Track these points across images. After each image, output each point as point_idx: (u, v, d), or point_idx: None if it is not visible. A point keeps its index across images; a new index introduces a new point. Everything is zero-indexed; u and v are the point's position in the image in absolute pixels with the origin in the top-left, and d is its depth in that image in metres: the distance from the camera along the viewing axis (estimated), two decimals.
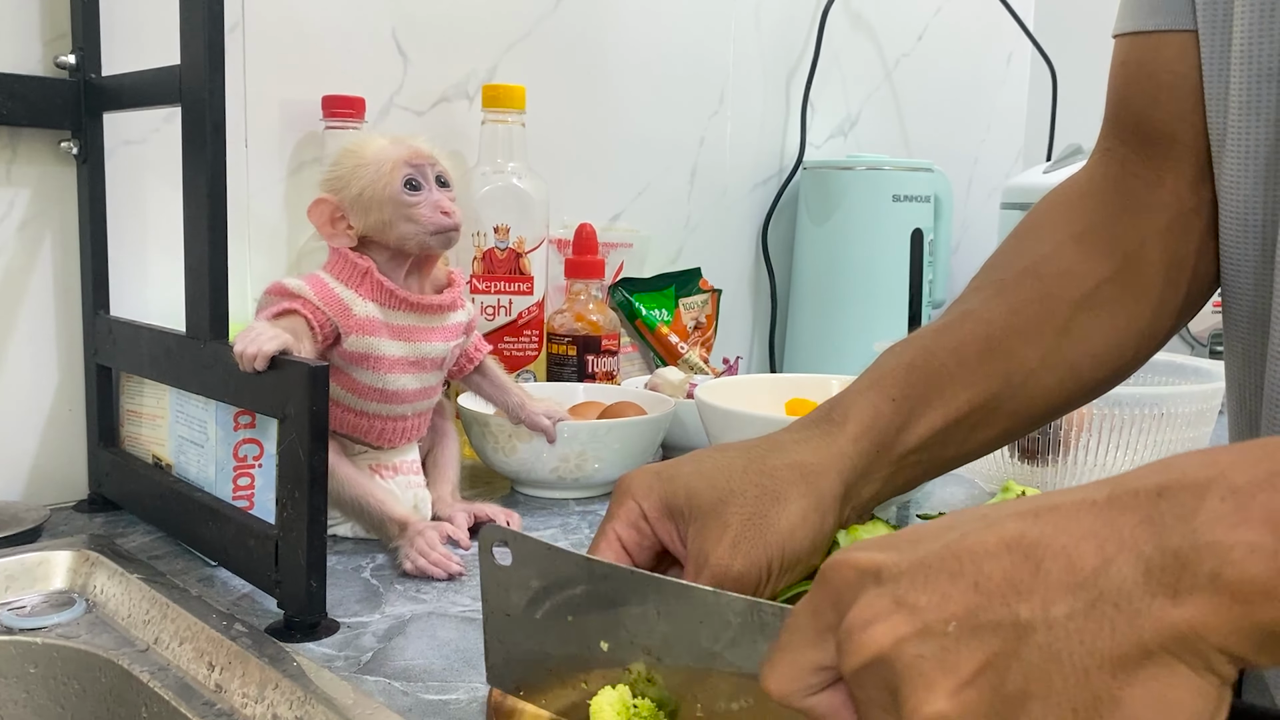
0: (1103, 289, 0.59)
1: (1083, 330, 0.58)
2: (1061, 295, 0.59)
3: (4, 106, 0.82)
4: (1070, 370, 0.58)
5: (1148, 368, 1.08)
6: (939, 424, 0.54)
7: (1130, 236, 0.60)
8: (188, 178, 0.71)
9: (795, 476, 0.50)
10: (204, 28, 0.69)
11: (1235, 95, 0.54)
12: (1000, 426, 0.57)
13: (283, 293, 0.76)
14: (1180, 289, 0.61)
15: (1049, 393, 0.58)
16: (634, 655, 0.41)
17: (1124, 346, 0.60)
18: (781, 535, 0.48)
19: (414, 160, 0.77)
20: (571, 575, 0.42)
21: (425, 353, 0.80)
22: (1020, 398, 0.57)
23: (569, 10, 1.21)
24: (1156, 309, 0.60)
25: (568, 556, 0.42)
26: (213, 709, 0.60)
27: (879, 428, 0.53)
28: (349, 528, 0.81)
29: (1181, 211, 0.60)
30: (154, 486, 0.81)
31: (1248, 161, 0.54)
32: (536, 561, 0.43)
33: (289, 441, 0.64)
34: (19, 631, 0.69)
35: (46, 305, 0.88)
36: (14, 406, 0.87)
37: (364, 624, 0.67)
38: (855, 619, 0.33)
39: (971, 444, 0.57)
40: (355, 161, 0.78)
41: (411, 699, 0.57)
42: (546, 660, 0.44)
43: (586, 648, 0.42)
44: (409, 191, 0.77)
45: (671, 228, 1.36)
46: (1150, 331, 0.60)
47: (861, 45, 1.57)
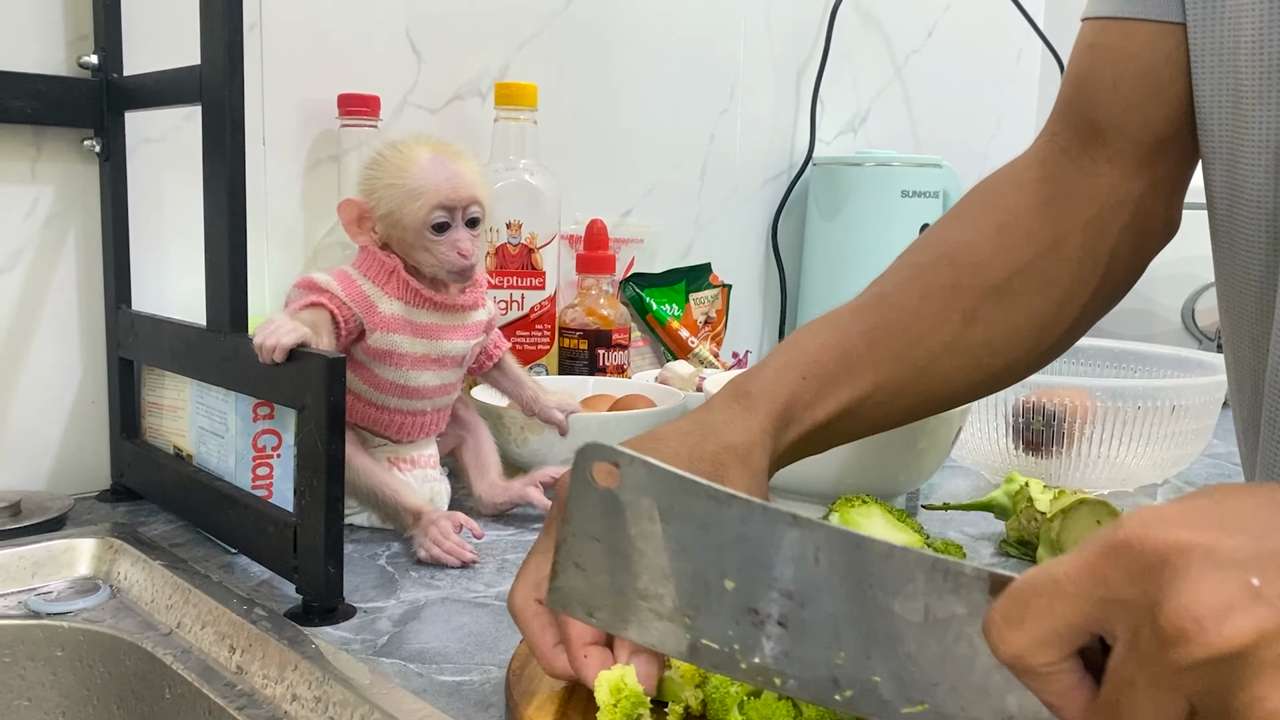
0: (1013, 280, 0.62)
1: (986, 320, 0.62)
2: (972, 284, 0.62)
3: (29, 106, 0.84)
4: (971, 357, 0.62)
5: (1152, 361, 1.09)
6: (845, 402, 0.60)
7: (1050, 229, 0.63)
8: (208, 175, 0.73)
9: (732, 458, 0.54)
10: (223, 28, 0.71)
11: (1249, 86, 0.54)
12: (904, 406, 0.62)
13: (311, 286, 0.78)
14: (1089, 286, 0.63)
15: (951, 378, 0.62)
16: (767, 597, 0.40)
17: (1024, 338, 0.63)
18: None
19: (449, 204, 0.77)
20: (702, 508, 0.40)
21: (447, 350, 0.82)
22: (924, 381, 0.61)
23: (580, 8, 1.22)
24: (1061, 304, 0.63)
25: (701, 487, 0.40)
26: (234, 690, 0.62)
27: (792, 405, 0.58)
28: (365, 517, 0.83)
29: (1108, 204, 0.63)
30: (175, 476, 0.83)
31: (1262, 151, 0.54)
32: (654, 488, 0.41)
33: (307, 431, 0.66)
34: (46, 616, 0.71)
35: (70, 300, 0.90)
36: (39, 399, 0.89)
37: (380, 609, 0.69)
38: (1201, 605, 0.31)
39: (877, 420, 0.62)
40: (392, 179, 0.77)
41: (426, 680, 0.59)
42: (640, 591, 0.42)
43: (703, 584, 0.40)
44: (434, 232, 0.77)
45: (682, 223, 1.37)
46: (1052, 325, 0.63)
47: (871, 42, 1.58)
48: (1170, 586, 0.31)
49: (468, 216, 0.79)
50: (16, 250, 0.87)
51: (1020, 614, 0.34)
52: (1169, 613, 0.31)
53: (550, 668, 0.51)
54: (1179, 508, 0.33)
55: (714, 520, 0.40)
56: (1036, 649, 0.34)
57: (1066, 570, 0.34)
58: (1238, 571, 0.31)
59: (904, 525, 0.57)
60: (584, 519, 0.42)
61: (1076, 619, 0.34)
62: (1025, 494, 0.82)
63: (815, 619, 0.39)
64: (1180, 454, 0.96)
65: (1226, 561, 0.31)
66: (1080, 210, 0.63)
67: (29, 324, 0.88)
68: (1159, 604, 0.31)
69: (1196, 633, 0.31)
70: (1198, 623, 0.31)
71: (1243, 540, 0.31)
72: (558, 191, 1.12)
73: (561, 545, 0.43)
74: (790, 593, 0.39)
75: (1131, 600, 0.32)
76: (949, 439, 0.90)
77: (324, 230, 1.03)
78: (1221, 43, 0.56)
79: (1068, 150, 0.64)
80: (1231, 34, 0.55)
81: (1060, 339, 0.65)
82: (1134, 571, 0.32)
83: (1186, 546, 0.32)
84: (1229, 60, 0.55)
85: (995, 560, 0.81)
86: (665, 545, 0.41)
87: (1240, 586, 0.31)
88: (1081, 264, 0.63)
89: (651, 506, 0.41)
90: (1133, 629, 0.33)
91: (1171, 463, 0.97)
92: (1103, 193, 0.63)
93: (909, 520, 0.58)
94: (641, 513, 0.41)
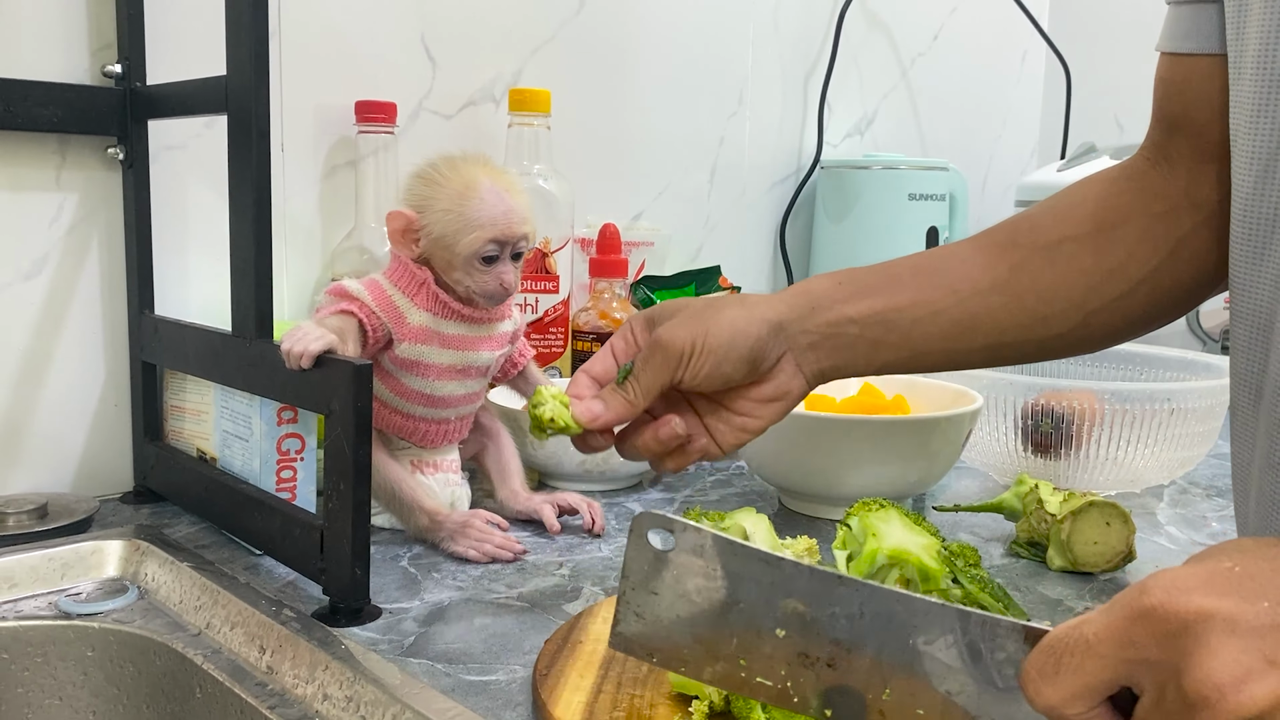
0: (1065, 244, 0.66)
1: (1033, 270, 0.65)
2: (1025, 242, 0.67)
3: (54, 114, 0.86)
4: (1015, 298, 0.65)
5: (1158, 363, 1.10)
6: (879, 308, 0.64)
7: (1115, 213, 0.66)
8: (234, 183, 0.75)
9: (735, 301, 0.64)
10: (249, 39, 0.72)
11: (1248, 98, 0.57)
12: (943, 328, 0.65)
13: (342, 294, 0.79)
14: (1146, 264, 0.66)
15: (995, 313, 0.65)
16: (817, 644, 0.44)
17: (1070, 291, 0.65)
18: (709, 324, 0.61)
19: (502, 238, 0.78)
20: (754, 569, 0.45)
21: (473, 361, 0.83)
22: (964, 309, 0.65)
23: (591, 15, 1.24)
24: (1112, 271, 0.65)
25: (752, 551, 0.45)
26: (265, 689, 0.63)
27: (820, 296, 0.65)
28: (386, 518, 0.84)
29: (1182, 204, 0.65)
30: (199, 479, 0.84)
31: (1253, 161, 0.57)
32: (707, 551, 0.45)
33: (335, 436, 0.68)
34: (77, 617, 0.72)
35: (93, 305, 0.91)
36: (63, 402, 0.91)
37: (404, 610, 0.70)
38: (1223, 673, 0.34)
39: (914, 337, 0.64)
40: (448, 205, 0.78)
41: (454, 680, 0.60)
42: (696, 636, 0.46)
43: (756, 632, 0.45)
44: (482, 263, 0.78)
45: (692, 226, 1.39)
46: (1100, 288, 0.65)
47: (878, 45, 1.60)
48: (1194, 653, 0.35)
49: (515, 250, 0.80)
50: (42, 256, 0.88)
51: (1054, 669, 0.38)
52: (1192, 679, 0.35)
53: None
54: (1200, 572, 0.37)
55: (765, 579, 0.44)
56: (1070, 702, 0.38)
57: (1097, 631, 0.38)
58: (1256, 641, 0.34)
59: (921, 528, 0.58)
60: (641, 576, 0.47)
61: (1106, 676, 0.37)
62: (1035, 496, 0.83)
63: (862, 661, 0.43)
64: (1187, 456, 0.98)
65: (1245, 631, 0.35)
66: (1151, 203, 0.66)
67: (53, 329, 0.90)
68: (1183, 669, 0.35)
69: (1218, 700, 0.34)
70: (1219, 690, 0.34)
71: (1260, 609, 0.35)
72: (571, 196, 1.13)
73: (622, 598, 0.47)
74: (838, 641, 0.44)
75: (1157, 661, 0.36)
76: (960, 440, 0.92)
77: (341, 235, 1.04)
78: (1238, 60, 0.58)
79: (1151, 157, 0.68)
80: (1243, 53, 0.57)
81: (1110, 305, 0.66)
82: (1159, 636, 0.36)
83: (1209, 614, 0.35)
84: (1240, 77, 0.58)
85: (1005, 561, 0.83)
86: (719, 599, 0.45)
87: (1258, 656, 0.34)
88: (1141, 244, 0.66)
89: (705, 566, 0.45)
90: (1158, 687, 0.37)
91: (1178, 464, 0.99)
92: (1177, 192, 0.66)
93: (925, 523, 0.59)
94: (696, 571, 0.46)
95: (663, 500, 0.96)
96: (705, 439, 0.65)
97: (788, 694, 0.45)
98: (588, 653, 0.61)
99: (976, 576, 0.58)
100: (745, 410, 0.65)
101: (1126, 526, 0.79)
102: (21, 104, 0.84)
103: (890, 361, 0.66)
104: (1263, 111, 0.56)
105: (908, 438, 0.88)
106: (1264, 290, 0.57)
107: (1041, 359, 0.71)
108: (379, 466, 0.80)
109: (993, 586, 0.58)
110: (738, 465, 1.09)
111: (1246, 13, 0.57)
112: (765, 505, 0.96)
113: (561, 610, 0.71)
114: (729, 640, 0.45)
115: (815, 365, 0.65)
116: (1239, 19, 0.58)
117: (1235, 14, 0.58)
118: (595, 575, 0.77)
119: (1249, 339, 0.59)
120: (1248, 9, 0.57)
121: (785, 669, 0.45)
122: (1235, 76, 0.58)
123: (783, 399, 0.65)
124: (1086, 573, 0.80)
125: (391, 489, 0.81)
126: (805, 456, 0.89)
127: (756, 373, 0.63)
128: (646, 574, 0.46)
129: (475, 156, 0.81)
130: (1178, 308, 0.69)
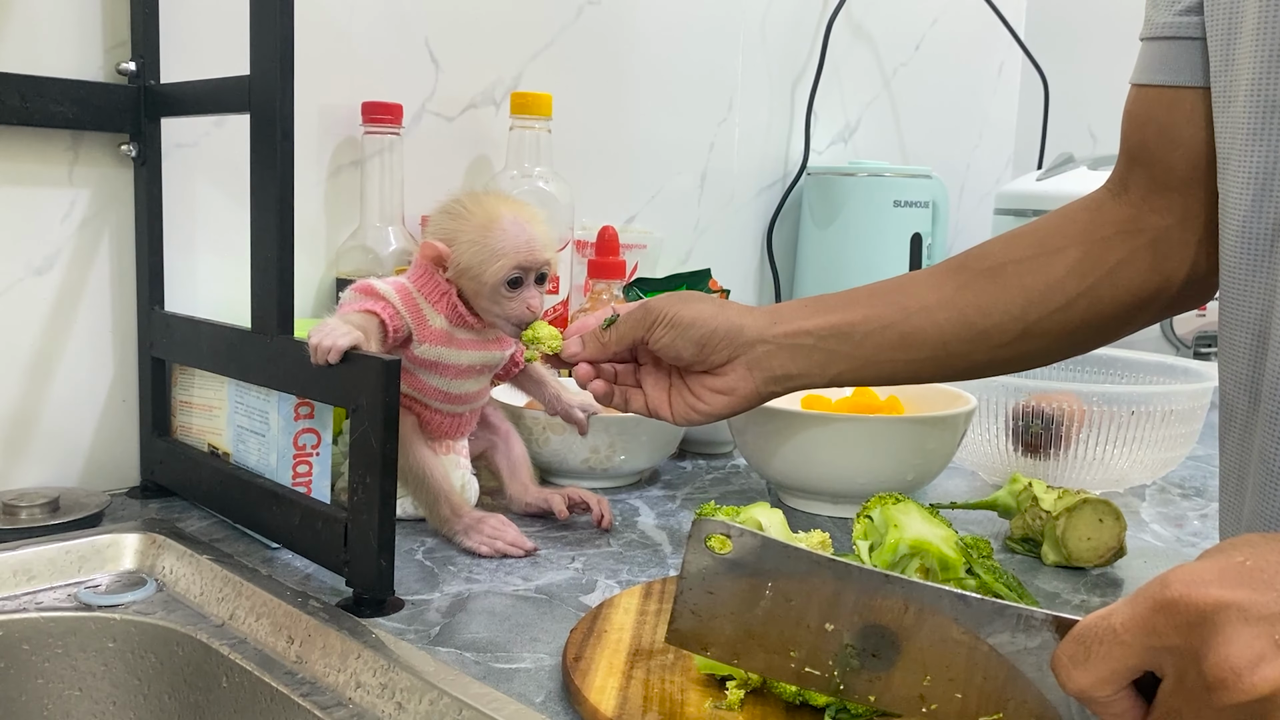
0: (1008, 266, 0.74)
1: (976, 288, 0.73)
2: (973, 265, 0.75)
3: (68, 111, 0.86)
4: (958, 312, 0.73)
5: (1139, 367, 1.14)
6: (835, 322, 0.74)
7: (1061, 238, 0.73)
8: (256, 182, 0.76)
9: (716, 300, 0.76)
10: (276, 40, 0.73)
11: (1241, 123, 0.60)
12: (892, 339, 0.73)
13: (369, 293, 0.81)
14: (1084, 280, 0.72)
15: (940, 326, 0.73)
16: (863, 636, 0.48)
17: (1009, 305, 0.73)
18: (685, 306, 0.74)
19: (526, 264, 0.80)
20: (804, 569, 0.48)
21: (487, 360, 0.86)
22: (912, 323, 0.73)
23: (589, 21, 1.26)
24: (1050, 287, 0.72)
25: (803, 553, 0.48)
26: (295, 678, 0.64)
27: (783, 311, 0.75)
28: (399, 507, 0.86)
29: (1128, 229, 0.72)
30: (212, 473, 0.85)
31: (1249, 181, 0.60)
32: (762, 553, 0.49)
33: (361, 431, 0.69)
34: (97, 609, 0.73)
35: (104, 300, 0.92)
36: (72, 397, 0.91)
37: (426, 601, 0.72)
38: (1238, 658, 0.38)
39: (866, 348, 0.73)
40: (474, 237, 0.80)
41: (484, 668, 0.62)
42: (749, 631, 0.50)
43: (805, 627, 0.48)
44: (508, 289, 0.81)
45: (682, 230, 1.41)
46: (1039, 301, 0.72)
47: (862, 55, 1.63)
48: (1211, 640, 0.39)
49: (538, 274, 0.82)
50: (54, 251, 0.89)
51: (1084, 656, 0.43)
52: (1210, 663, 0.39)
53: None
54: (1215, 566, 0.41)
55: (814, 577, 0.48)
56: (1098, 686, 0.42)
57: (1123, 621, 0.42)
58: (1267, 627, 0.39)
59: (937, 521, 0.61)
60: (698, 576, 0.50)
61: (1132, 661, 0.42)
62: (1030, 493, 0.86)
63: (906, 652, 0.47)
64: (1168, 456, 1.01)
65: (1257, 618, 0.39)
66: (1097, 229, 0.73)
67: (64, 324, 0.90)
68: (1202, 654, 0.39)
69: (1234, 681, 0.39)
70: (1235, 673, 0.38)
71: (1271, 598, 0.39)
72: (571, 198, 1.15)
73: (679, 596, 0.51)
74: (883, 633, 0.47)
75: (1178, 648, 0.40)
76: (954, 441, 0.95)
77: (346, 234, 1.05)
78: (1228, 88, 0.62)
79: (1112, 188, 0.75)
80: (1235, 80, 0.62)
81: (1048, 317, 0.72)
82: (1180, 625, 0.40)
83: (1224, 604, 0.39)
84: (1230, 104, 0.62)
85: (1001, 556, 0.86)
86: (772, 597, 0.49)
87: (1269, 641, 0.39)
88: (1080, 263, 0.72)
89: (759, 567, 0.49)
90: (1179, 671, 0.41)
91: (1160, 465, 1.02)
92: (1124, 219, 0.72)
93: (940, 517, 0.62)
94: (750, 572, 0.49)
95: (664, 497, 0.99)
96: (661, 400, 0.77)
97: (835, 683, 0.48)
98: (614, 641, 0.63)
99: (990, 566, 0.60)
100: (699, 394, 0.76)
101: (1118, 523, 0.82)
102: (36, 100, 0.85)
103: (843, 371, 0.75)
104: (1258, 135, 0.60)
105: (905, 437, 0.91)
106: (1260, 299, 0.61)
107: (991, 373, 0.78)
108: (413, 451, 0.82)
109: (1006, 576, 0.60)
110: (734, 463, 1.11)
111: (1236, 43, 0.61)
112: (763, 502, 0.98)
113: (579, 602, 0.73)
114: (779, 634, 0.49)
115: (769, 371, 0.74)
116: (1227, 51, 0.62)
117: (1223, 46, 0.63)
118: (608, 569, 0.79)
119: (1246, 345, 0.62)
120: (1237, 39, 0.61)
121: (833, 660, 0.48)
122: (1225, 104, 0.63)
123: (730, 395, 0.75)
124: (1079, 567, 0.83)
125: (422, 475, 0.83)
126: (802, 454, 0.92)
127: (705, 359, 0.74)
128: (704, 575, 0.50)
129: (496, 193, 0.85)
130: (1122, 327, 0.75)
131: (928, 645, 0.47)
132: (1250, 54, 0.60)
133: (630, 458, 0.98)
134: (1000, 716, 0.47)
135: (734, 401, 0.75)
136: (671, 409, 0.77)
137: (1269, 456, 0.60)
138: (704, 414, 0.76)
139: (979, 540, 0.62)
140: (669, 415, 0.77)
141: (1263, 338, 0.60)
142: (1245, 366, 0.62)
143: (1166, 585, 0.41)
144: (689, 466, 1.10)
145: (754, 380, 0.75)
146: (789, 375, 0.75)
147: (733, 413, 0.76)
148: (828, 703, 0.54)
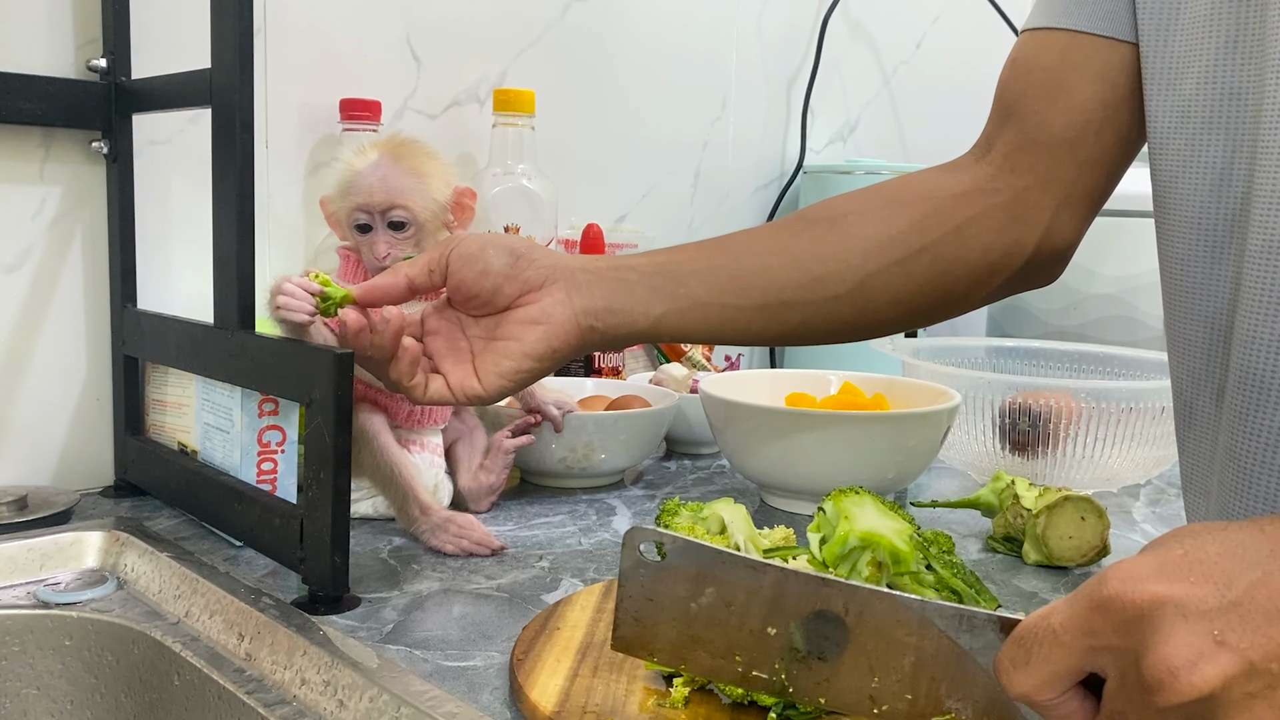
0: (849, 216, 0.70)
1: (814, 236, 0.70)
2: (811, 216, 0.71)
3: (38, 108, 0.86)
4: (792, 258, 0.69)
5: (1135, 365, 1.11)
6: (660, 260, 0.68)
7: (910, 193, 0.71)
8: (217, 175, 0.75)
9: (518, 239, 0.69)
10: (234, 33, 0.72)
11: (1197, 108, 0.58)
12: (722, 281, 0.68)
13: None
14: (929, 235, 0.69)
15: (773, 271, 0.68)
16: (807, 640, 0.47)
17: (848, 253, 0.69)
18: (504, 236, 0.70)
19: (365, 205, 0.81)
20: (742, 574, 0.47)
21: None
22: (740, 264, 0.68)
23: (576, 18, 1.24)
24: (891, 239, 0.69)
25: (739, 559, 0.47)
26: (243, 675, 0.63)
27: (616, 255, 0.71)
28: (371, 505, 0.85)
29: (984, 187, 0.70)
30: (180, 471, 0.84)
31: (1205, 172, 0.58)
32: (697, 559, 0.48)
33: (315, 425, 0.68)
34: (55, 606, 0.72)
35: (75, 298, 0.92)
36: (44, 396, 0.91)
37: (384, 599, 0.70)
38: (1175, 657, 0.36)
39: (694, 288, 0.68)
40: (338, 175, 0.82)
41: (432, 665, 0.61)
42: (693, 637, 0.49)
43: (748, 631, 0.47)
44: (358, 232, 0.82)
45: (675, 229, 1.40)
46: (877, 252, 0.69)
47: (861, 53, 1.61)
48: (1149, 639, 0.37)
49: (389, 220, 0.81)
50: (24, 249, 0.89)
51: (1025, 659, 0.41)
52: (1148, 664, 0.37)
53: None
54: (1153, 561, 0.39)
55: (754, 583, 0.47)
56: (1041, 689, 0.40)
57: (1062, 622, 0.40)
58: (1205, 623, 0.37)
59: (895, 514, 0.59)
60: (636, 585, 0.49)
61: (1073, 663, 0.40)
62: (1011, 491, 0.84)
63: (851, 655, 0.46)
64: (1162, 455, 0.99)
65: (1195, 614, 0.37)
66: (950, 186, 0.70)
67: (35, 322, 0.90)
68: (1140, 654, 0.38)
69: (1172, 682, 0.37)
70: (1172, 673, 0.37)
71: (1208, 591, 0.37)
72: (555, 196, 1.14)
73: (620, 604, 0.50)
74: (827, 636, 0.46)
75: (1118, 647, 0.39)
76: (937, 438, 0.93)
77: (325, 232, 1.05)
78: (1171, 66, 0.60)
79: (975, 152, 0.72)
80: (1182, 60, 0.59)
81: (889, 268, 0.69)
82: (1117, 624, 0.38)
83: (1161, 600, 0.38)
84: (1176, 84, 0.59)
85: (982, 556, 0.84)
86: (711, 603, 0.48)
87: (1207, 638, 0.37)
88: (927, 218, 0.69)
89: (696, 573, 0.48)
90: (1120, 671, 0.39)
91: (1154, 463, 1.00)
92: (983, 177, 0.70)
93: (899, 510, 0.60)
94: (688, 578, 0.48)
95: (644, 496, 0.97)
96: (466, 373, 0.66)
97: (783, 685, 0.47)
98: (565, 638, 0.61)
99: (949, 562, 0.58)
100: (508, 334, 0.66)
101: (1101, 521, 0.80)
102: (5, 97, 0.84)
103: (668, 312, 0.68)
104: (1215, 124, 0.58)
105: (886, 433, 0.89)
106: (1222, 292, 0.59)
107: (829, 331, 0.72)
108: (383, 449, 0.81)
109: (965, 573, 0.58)
110: (719, 463, 1.09)
111: (1178, 20, 0.59)
112: (746, 501, 0.95)
113: (540, 600, 0.71)
114: (723, 638, 0.48)
115: (589, 301, 0.66)
116: (1164, 24, 0.60)
117: (1157, 16, 0.60)
118: (575, 567, 0.78)
119: (1202, 339, 0.60)
120: (1179, 16, 0.59)
121: (779, 663, 0.47)
122: (1166, 84, 0.60)
123: (544, 323, 0.65)
124: (1062, 567, 0.81)
125: (390, 473, 0.82)
126: (784, 452, 0.90)
127: (518, 273, 0.66)
128: (641, 583, 0.49)
129: (395, 138, 0.84)
130: (971, 292, 0.71)
131: (872, 646, 0.46)
132: (1202, 37, 0.57)
133: (610, 457, 0.97)
134: (952, 717, 0.45)
135: (549, 332, 0.65)
136: (479, 376, 0.66)
137: (1238, 454, 0.57)
138: (516, 357, 0.65)
139: (939, 535, 0.60)
140: (478, 387, 0.66)
141: (1224, 331, 0.58)
142: (1202, 361, 0.60)
143: (1104, 582, 0.39)
144: (673, 466, 1.08)
145: (572, 307, 0.66)
146: (610, 309, 0.67)
147: (550, 351, 0.66)
148: (774, 701, 0.52)
